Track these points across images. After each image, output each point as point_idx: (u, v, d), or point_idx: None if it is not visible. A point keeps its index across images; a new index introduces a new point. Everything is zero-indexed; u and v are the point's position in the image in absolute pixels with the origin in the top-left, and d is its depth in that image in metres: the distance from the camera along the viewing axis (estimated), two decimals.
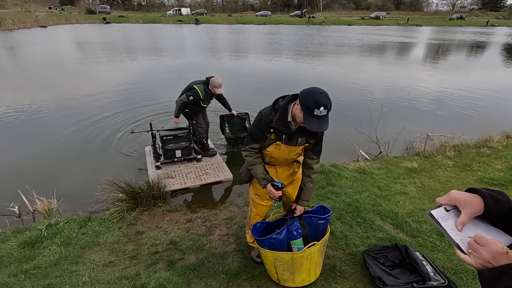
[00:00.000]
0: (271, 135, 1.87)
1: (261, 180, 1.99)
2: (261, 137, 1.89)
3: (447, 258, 2.48)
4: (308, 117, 1.62)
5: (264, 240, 2.04)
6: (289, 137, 1.88)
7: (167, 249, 2.64)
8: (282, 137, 1.87)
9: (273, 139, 1.90)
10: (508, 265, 0.68)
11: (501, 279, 0.67)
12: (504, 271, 0.68)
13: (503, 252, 0.70)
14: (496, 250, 0.70)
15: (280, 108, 1.79)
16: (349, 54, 17.60)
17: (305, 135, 1.88)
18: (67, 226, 2.90)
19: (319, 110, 1.59)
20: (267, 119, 1.83)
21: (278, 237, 2.03)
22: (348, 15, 65.55)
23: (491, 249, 0.70)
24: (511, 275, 0.66)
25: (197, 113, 4.29)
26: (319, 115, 1.60)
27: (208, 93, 4.11)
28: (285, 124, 1.80)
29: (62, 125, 5.99)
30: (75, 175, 4.22)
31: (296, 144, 1.91)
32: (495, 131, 5.38)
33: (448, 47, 22.66)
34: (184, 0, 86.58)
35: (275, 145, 1.92)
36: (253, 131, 1.94)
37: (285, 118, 1.79)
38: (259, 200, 2.25)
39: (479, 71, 13.36)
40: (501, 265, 0.69)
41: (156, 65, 12.65)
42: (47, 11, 49.74)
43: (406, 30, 39.82)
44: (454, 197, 0.80)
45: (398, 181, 3.82)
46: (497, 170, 4.12)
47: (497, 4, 79.09)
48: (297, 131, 1.86)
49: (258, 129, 1.88)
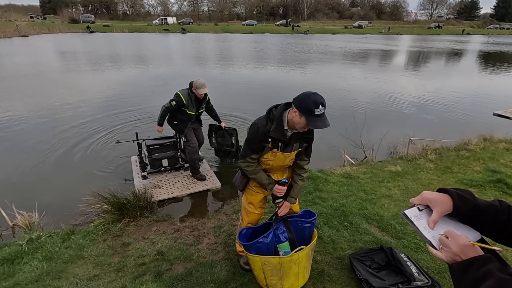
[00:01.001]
0: (269, 144, 1.94)
1: (267, 185, 2.06)
2: (260, 148, 1.96)
3: (430, 259, 2.55)
4: (311, 118, 1.73)
5: (251, 244, 2.04)
6: (285, 144, 1.96)
7: (154, 260, 2.60)
8: (278, 145, 1.95)
9: (269, 147, 1.97)
10: (474, 258, 0.73)
11: (469, 271, 0.72)
12: (471, 264, 0.73)
13: (469, 245, 0.75)
14: (463, 243, 0.75)
15: (276, 118, 1.87)
16: (333, 61, 18.03)
17: (300, 140, 1.98)
18: (49, 240, 2.81)
19: (319, 109, 1.71)
20: (264, 129, 1.90)
21: (265, 241, 2.04)
22: (332, 24, 67.46)
23: (459, 243, 0.75)
24: (477, 267, 0.71)
25: (185, 124, 3.90)
26: (319, 113, 1.73)
27: (192, 97, 3.78)
28: (282, 132, 1.88)
29: (42, 135, 5.83)
30: (57, 187, 4.10)
31: (291, 150, 2.00)
32: (473, 134, 5.61)
33: (428, 54, 23.59)
34: (170, 10, 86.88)
35: (272, 152, 1.98)
36: (251, 143, 1.98)
37: (281, 126, 1.87)
38: (252, 209, 2.27)
39: (456, 77, 13.94)
40: (468, 258, 0.73)
41: (141, 74, 12.56)
42: (28, 20, 48.78)
43: (388, 39, 41.24)
44: (425, 197, 0.86)
45: (383, 185, 3.91)
46: (475, 172, 4.28)
47: (471, 14, 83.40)
48: (292, 137, 1.95)
49: (257, 140, 1.93)
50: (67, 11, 63.14)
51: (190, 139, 3.97)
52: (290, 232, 2.12)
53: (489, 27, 69.38)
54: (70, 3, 75.88)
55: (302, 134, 1.93)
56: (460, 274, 0.74)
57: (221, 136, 4.66)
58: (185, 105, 3.76)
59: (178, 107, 3.76)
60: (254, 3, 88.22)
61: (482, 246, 0.77)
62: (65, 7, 68.67)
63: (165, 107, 3.81)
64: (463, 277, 0.73)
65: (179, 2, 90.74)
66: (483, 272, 0.70)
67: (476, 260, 0.73)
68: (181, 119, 3.89)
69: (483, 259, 0.73)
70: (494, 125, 6.75)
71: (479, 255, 0.74)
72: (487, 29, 65.61)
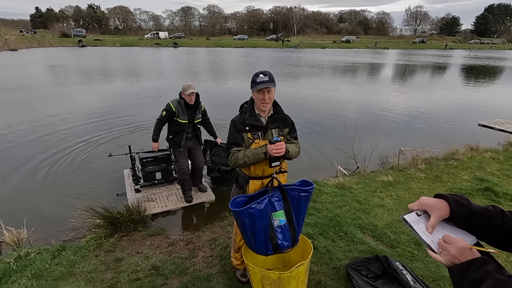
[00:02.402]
0: (248, 134, 2.03)
1: (260, 151, 1.95)
2: (240, 138, 2.04)
3: (425, 267, 2.58)
4: (255, 85, 1.95)
5: (243, 210, 1.85)
6: (264, 131, 2.05)
7: (149, 275, 2.54)
8: (258, 134, 2.05)
9: (251, 139, 2.03)
10: (473, 260, 0.77)
11: (468, 273, 0.76)
12: (470, 265, 0.76)
13: (467, 248, 0.79)
14: (461, 246, 0.79)
15: (248, 108, 2.08)
16: (323, 74, 18.46)
17: (276, 123, 2.09)
18: (39, 257, 2.72)
19: (259, 77, 1.94)
20: (240, 120, 2.07)
21: (258, 207, 1.88)
22: (321, 39, 69.39)
23: (457, 246, 0.79)
24: (475, 269, 0.75)
25: (180, 136, 3.69)
26: (262, 81, 1.93)
27: (182, 103, 3.59)
28: (256, 118, 2.05)
29: (30, 148, 5.72)
30: (47, 202, 4.00)
31: (272, 137, 2.06)
32: (460, 144, 5.79)
33: (414, 68, 24.42)
34: (161, 24, 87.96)
35: (255, 143, 2.03)
36: (231, 137, 2.08)
37: (254, 113, 2.05)
38: None
39: (442, 89, 14.43)
40: (467, 260, 0.77)
41: (132, 86, 12.56)
42: (18, 34, 48.51)
43: (375, 53, 42.61)
44: (423, 203, 0.90)
45: (376, 195, 3.97)
46: (464, 181, 4.40)
47: (453, 29, 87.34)
48: (268, 122, 2.07)
49: (235, 131, 2.06)
50: (58, 26, 63.17)
51: (179, 160, 3.80)
52: (287, 202, 2.00)
53: (470, 42, 72.71)
54: (61, 18, 76.19)
55: (274, 116, 2.08)
56: (459, 276, 0.78)
57: (217, 155, 4.35)
58: (175, 114, 3.59)
59: (170, 116, 3.61)
60: (245, 19, 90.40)
61: (479, 249, 0.80)
62: (56, 22, 68.87)
63: (157, 119, 3.70)
64: (463, 279, 0.76)
65: (170, 17, 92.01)
66: (482, 273, 0.73)
67: (475, 262, 0.76)
68: (174, 130, 3.69)
69: (481, 261, 0.76)
70: (479, 135, 6.97)
71: (477, 257, 0.77)
72: (468, 44, 68.67)
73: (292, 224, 2.00)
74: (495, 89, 14.87)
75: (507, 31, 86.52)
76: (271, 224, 1.95)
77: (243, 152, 1.99)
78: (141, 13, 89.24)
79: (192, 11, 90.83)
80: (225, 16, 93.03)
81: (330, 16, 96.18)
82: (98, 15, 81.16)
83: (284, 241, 1.98)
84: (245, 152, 1.99)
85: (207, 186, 4.31)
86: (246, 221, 1.88)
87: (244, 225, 1.90)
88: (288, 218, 2.01)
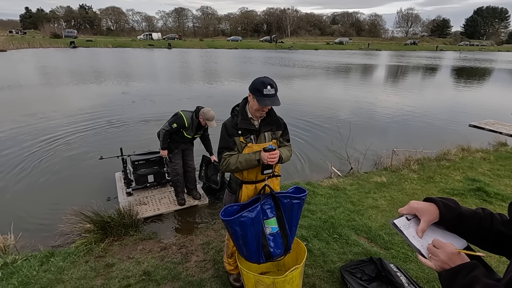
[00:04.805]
0: (240, 138, 1.97)
1: (253, 157, 1.91)
2: (232, 142, 1.98)
3: (419, 268, 2.58)
4: (260, 97, 1.84)
5: (234, 219, 1.81)
6: (257, 134, 2.00)
7: (140, 280, 2.49)
8: (251, 138, 1.99)
9: (243, 143, 1.98)
10: (461, 265, 0.76)
11: (457, 278, 0.75)
12: (459, 271, 0.76)
13: (456, 253, 0.79)
14: (450, 251, 0.79)
15: (240, 111, 2.00)
16: (317, 75, 18.54)
17: (269, 126, 2.03)
18: (26, 264, 2.64)
19: (267, 89, 1.82)
20: (232, 124, 1.99)
21: (249, 215, 1.84)
22: (315, 41, 69.84)
23: (446, 251, 0.79)
24: (464, 274, 0.75)
25: (178, 145, 3.73)
26: (268, 93, 1.83)
27: (195, 122, 3.60)
28: (249, 122, 1.98)
29: (17, 150, 5.57)
30: (35, 207, 3.90)
31: (265, 140, 2.03)
32: (451, 145, 5.85)
33: (406, 69, 24.73)
34: (155, 25, 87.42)
35: (248, 148, 1.98)
36: (223, 141, 2.01)
37: (246, 116, 1.98)
38: None
39: (433, 90, 14.62)
40: (456, 265, 0.76)
41: (125, 87, 12.42)
42: (7, 35, 47.61)
43: (368, 54, 43.05)
44: (413, 207, 0.89)
45: (370, 196, 3.97)
46: (456, 181, 4.44)
47: (443, 31, 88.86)
48: (260, 125, 2.01)
49: (227, 135, 1.99)
50: (48, 26, 62.13)
51: (173, 160, 3.80)
52: (279, 209, 1.96)
53: (460, 44, 74.07)
54: (52, 18, 75.06)
55: (267, 119, 2.01)
56: (449, 281, 0.77)
57: (211, 172, 4.32)
58: (186, 128, 3.60)
59: (179, 129, 3.61)
60: (238, 20, 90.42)
61: (467, 253, 0.80)
62: (47, 22, 67.74)
63: (165, 131, 3.61)
64: (452, 284, 0.76)
65: (164, 18, 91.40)
66: (471, 278, 0.73)
67: (463, 267, 0.76)
68: (175, 139, 3.70)
69: (470, 266, 0.76)
70: (470, 136, 7.07)
71: (466, 262, 0.77)
72: (459, 46, 69.94)
73: (284, 231, 1.98)
74: (484, 90, 15.14)
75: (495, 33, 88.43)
76: (263, 232, 1.92)
77: (236, 157, 1.94)
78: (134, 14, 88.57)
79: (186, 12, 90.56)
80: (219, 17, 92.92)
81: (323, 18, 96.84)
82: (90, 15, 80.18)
83: (276, 249, 1.95)
84: (237, 158, 1.93)
85: (201, 193, 4.16)
86: (237, 230, 1.84)
87: (235, 234, 1.86)
88: (280, 225, 1.97)
